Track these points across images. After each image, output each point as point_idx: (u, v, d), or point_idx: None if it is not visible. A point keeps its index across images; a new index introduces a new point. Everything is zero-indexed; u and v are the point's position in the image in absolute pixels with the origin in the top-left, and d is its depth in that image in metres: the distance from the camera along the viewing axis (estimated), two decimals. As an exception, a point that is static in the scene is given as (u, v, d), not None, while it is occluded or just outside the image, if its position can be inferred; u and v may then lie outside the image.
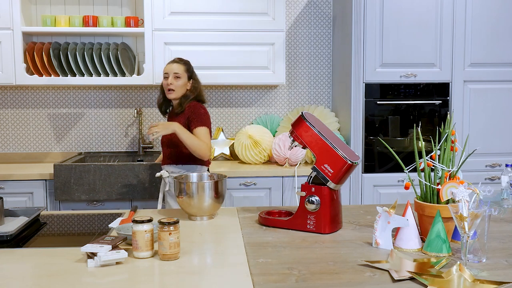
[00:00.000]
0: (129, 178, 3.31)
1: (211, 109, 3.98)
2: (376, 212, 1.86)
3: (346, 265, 1.63)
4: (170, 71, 2.91)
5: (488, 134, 3.61)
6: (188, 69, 2.96)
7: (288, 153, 3.49)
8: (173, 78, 2.90)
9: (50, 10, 3.79)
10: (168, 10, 3.58)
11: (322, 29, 4.04)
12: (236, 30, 3.62)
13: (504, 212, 2.28)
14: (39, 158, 3.88)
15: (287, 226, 2.05)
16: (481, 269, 1.58)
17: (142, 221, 1.70)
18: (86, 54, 3.63)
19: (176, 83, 2.89)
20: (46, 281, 1.51)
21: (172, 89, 2.89)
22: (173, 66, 2.93)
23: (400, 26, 3.48)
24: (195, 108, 2.89)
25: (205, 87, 3.96)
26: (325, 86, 4.08)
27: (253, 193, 3.46)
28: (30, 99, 3.88)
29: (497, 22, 3.54)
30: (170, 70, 2.91)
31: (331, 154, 1.99)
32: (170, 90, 2.90)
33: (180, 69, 2.92)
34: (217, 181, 2.20)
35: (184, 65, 2.96)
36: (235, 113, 4.02)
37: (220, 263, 1.69)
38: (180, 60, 2.98)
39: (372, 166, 3.55)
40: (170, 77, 2.90)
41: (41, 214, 2.31)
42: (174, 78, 2.90)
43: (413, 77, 3.52)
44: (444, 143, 1.87)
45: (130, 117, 3.95)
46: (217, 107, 4.00)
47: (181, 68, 2.93)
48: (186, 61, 3.00)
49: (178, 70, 2.91)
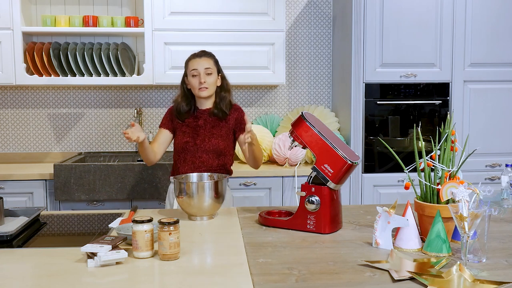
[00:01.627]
0: (129, 178, 3.31)
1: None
2: (376, 212, 1.86)
3: (346, 265, 1.63)
4: (200, 67, 2.59)
5: (488, 134, 3.61)
6: (216, 61, 2.68)
7: (288, 153, 3.49)
8: (205, 74, 2.59)
9: (50, 10, 3.79)
10: (168, 10, 3.58)
11: (322, 29, 4.04)
12: (236, 30, 3.62)
13: (504, 212, 2.28)
14: (39, 158, 3.88)
15: (287, 226, 2.05)
16: (481, 269, 1.58)
17: (142, 221, 1.70)
18: (86, 54, 3.63)
19: (209, 80, 2.60)
20: (46, 281, 1.51)
21: (205, 87, 2.60)
22: (202, 61, 2.61)
23: (400, 26, 3.48)
24: (241, 111, 2.69)
25: (205, 87, 3.97)
26: (325, 86, 4.08)
27: (253, 193, 3.46)
28: (30, 99, 3.88)
29: (497, 22, 3.54)
30: (200, 65, 2.59)
31: (331, 154, 1.99)
32: (203, 88, 2.60)
33: (210, 63, 2.62)
34: (217, 181, 2.20)
35: (212, 57, 2.67)
36: (235, 113, 4.02)
37: (220, 263, 1.69)
38: (206, 53, 2.67)
39: (372, 166, 3.55)
40: (202, 73, 2.58)
41: (41, 214, 2.30)
42: (206, 74, 2.60)
43: (413, 77, 3.52)
44: (444, 143, 1.87)
45: (130, 117, 3.95)
46: (217, 107, 3.99)
47: (211, 62, 2.63)
48: (212, 53, 2.70)
49: (208, 64, 2.61)
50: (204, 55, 2.65)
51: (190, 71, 2.62)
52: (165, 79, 3.60)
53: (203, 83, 2.59)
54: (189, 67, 2.64)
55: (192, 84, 2.62)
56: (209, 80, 2.61)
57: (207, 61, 2.62)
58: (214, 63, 2.66)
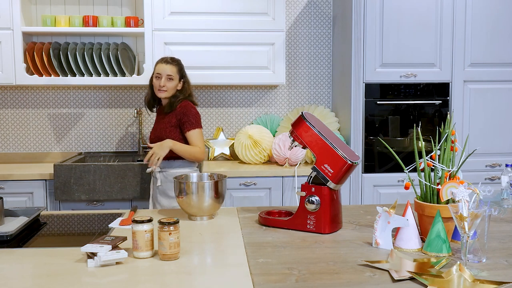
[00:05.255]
0: (129, 178, 3.31)
1: (211, 109, 3.98)
2: (376, 212, 1.86)
3: (346, 265, 1.63)
4: (163, 72, 2.89)
5: (488, 134, 3.61)
6: (180, 69, 2.96)
7: (288, 153, 3.49)
8: (166, 79, 2.89)
9: (50, 10, 3.79)
10: (168, 10, 3.58)
11: (322, 29, 4.04)
12: (236, 30, 3.62)
13: (504, 212, 2.28)
14: (39, 158, 3.88)
15: (287, 226, 2.05)
16: (481, 269, 1.58)
17: (142, 221, 1.70)
18: (86, 54, 3.63)
19: (168, 85, 2.89)
20: (46, 281, 1.51)
21: (164, 90, 2.89)
22: (166, 67, 2.90)
23: (400, 26, 3.48)
24: (186, 108, 2.89)
25: (205, 87, 3.97)
26: (325, 86, 4.08)
27: (253, 193, 3.46)
28: (30, 99, 3.88)
29: (497, 22, 3.54)
30: (163, 71, 2.89)
31: (331, 154, 1.99)
32: (162, 90, 2.89)
33: (173, 70, 2.91)
34: (217, 181, 2.20)
35: (177, 65, 2.95)
36: (235, 113, 4.02)
37: (220, 263, 1.69)
38: (172, 60, 2.96)
39: (372, 166, 3.55)
40: (163, 78, 2.88)
41: (41, 214, 2.30)
42: (167, 79, 2.89)
43: (413, 77, 3.52)
44: (444, 143, 1.87)
45: (130, 117, 3.95)
46: (217, 107, 4.00)
47: (174, 70, 2.91)
48: (178, 60, 2.99)
49: (171, 72, 2.90)
50: (171, 62, 2.94)
51: (155, 74, 2.94)
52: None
53: (163, 87, 2.89)
54: (155, 70, 2.94)
55: (154, 85, 2.94)
56: (168, 85, 2.90)
57: (170, 69, 2.91)
58: (177, 71, 2.94)
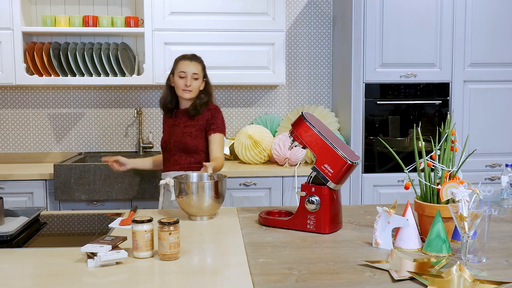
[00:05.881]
0: (129, 178, 3.31)
1: (211, 109, 3.98)
2: (376, 212, 1.86)
3: (346, 265, 1.63)
4: (188, 70, 2.70)
5: (488, 134, 3.61)
6: (204, 67, 2.80)
7: (288, 153, 3.49)
8: (192, 79, 2.70)
9: (50, 10, 3.79)
10: (168, 10, 3.58)
11: (322, 29, 4.04)
12: (236, 30, 3.62)
13: (504, 212, 2.28)
14: (39, 158, 3.88)
15: (287, 226, 2.05)
16: (481, 269, 1.58)
17: (142, 221, 1.70)
18: (86, 54, 3.63)
19: (194, 85, 2.72)
20: (46, 281, 1.51)
21: (189, 90, 2.71)
22: (191, 65, 2.72)
23: (400, 26, 3.48)
24: (216, 111, 2.76)
25: (205, 87, 3.96)
26: (325, 86, 4.08)
27: (253, 193, 3.46)
28: (30, 99, 3.88)
29: (497, 22, 3.54)
30: (188, 69, 2.70)
31: (331, 154, 1.99)
32: (187, 90, 2.71)
33: (198, 69, 2.73)
34: (217, 181, 2.20)
35: (201, 63, 2.78)
36: (235, 113, 4.02)
37: (220, 263, 1.69)
38: (196, 58, 2.78)
39: (372, 166, 3.55)
40: (189, 77, 2.69)
41: (41, 214, 2.30)
42: (192, 79, 2.71)
43: (413, 77, 3.52)
44: (444, 143, 1.87)
45: (130, 117, 3.95)
46: (217, 107, 3.99)
47: (199, 68, 2.75)
48: (201, 58, 2.82)
49: (196, 70, 2.72)
50: (195, 59, 2.76)
51: (178, 72, 2.72)
52: (165, 79, 3.57)
53: (188, 86, 2.70)
54: (178, 68, 2.74)
55: (178, 84, 2.73)
56: (194, 84, 2.72)
57: (195, 66, 2.73)
58: (202, 69, 2.77)
